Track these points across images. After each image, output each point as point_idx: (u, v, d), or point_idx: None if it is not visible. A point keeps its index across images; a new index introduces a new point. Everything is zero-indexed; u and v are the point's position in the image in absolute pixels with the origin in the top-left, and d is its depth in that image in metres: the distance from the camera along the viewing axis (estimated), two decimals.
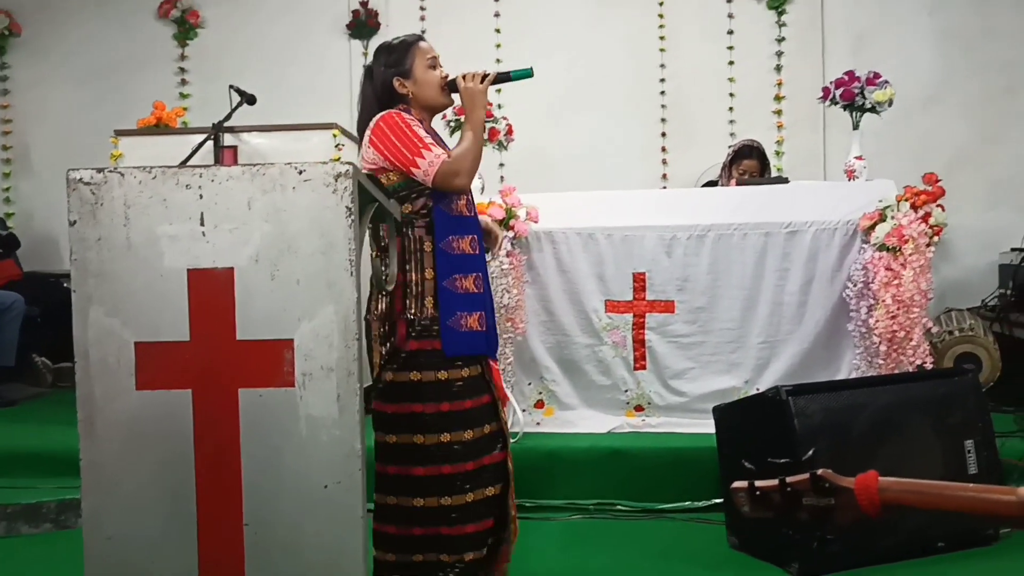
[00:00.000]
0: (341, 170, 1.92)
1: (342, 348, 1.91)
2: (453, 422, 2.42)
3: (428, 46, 2.61)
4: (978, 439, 3.01)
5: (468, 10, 6.05)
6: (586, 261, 4.01)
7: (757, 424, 3.04)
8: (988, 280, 5.33)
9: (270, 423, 1.91)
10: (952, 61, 5.65)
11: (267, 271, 1.92)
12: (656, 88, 5.93)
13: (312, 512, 1.91)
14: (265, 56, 6.05)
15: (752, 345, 3.95)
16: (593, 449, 3.79)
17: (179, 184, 1.93)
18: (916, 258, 3.62)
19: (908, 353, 3.64)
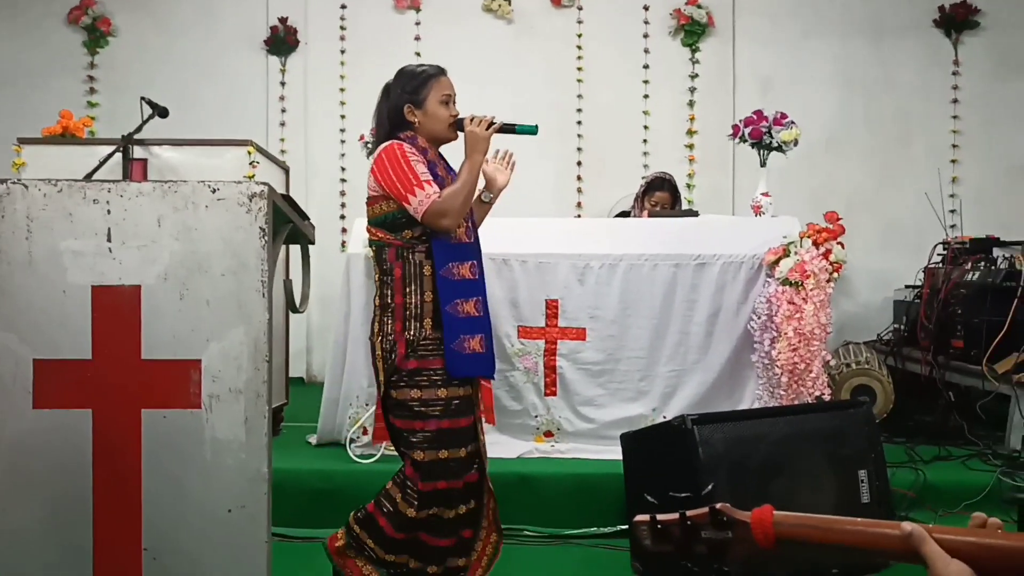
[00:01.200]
0: (256, 190, 1.91)
1: (251, 370, 1.89)
2: (449, 439, 2.52)
3: (448, 82, 2.71)
4: (870, 469, 3.12)
5: (388, 34, 6.06)
6: (500, 287, 4.04)
7: (663, 452, 3.10)
8: (883, 315, 5.56)
9: (174, 445, 1.88)
10: (853, 107, 5.92)
11: (176, 290, 1.89)
12: (573, 119, 6.04)
13: (215, 537, 1.88)
14: (179, 68, 5.95)
15: (660, 374, 4.03)
16: (502, 474, 3.77)
17: (86, 199, 1.89)
18: (817, 293, 3.75)
19: (808, 384, 3.76)
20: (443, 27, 6.05)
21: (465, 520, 2.62)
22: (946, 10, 5.88)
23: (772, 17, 5.98)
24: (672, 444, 3.01)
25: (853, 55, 5.94)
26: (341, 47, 6.07)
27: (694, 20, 5.96)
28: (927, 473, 3.67)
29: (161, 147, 4.08)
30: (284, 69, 6.07)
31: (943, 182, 5.70)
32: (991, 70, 5.87)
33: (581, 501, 3.66)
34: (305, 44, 6.09)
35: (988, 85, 5.87)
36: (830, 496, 3.06)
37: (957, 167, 5.89)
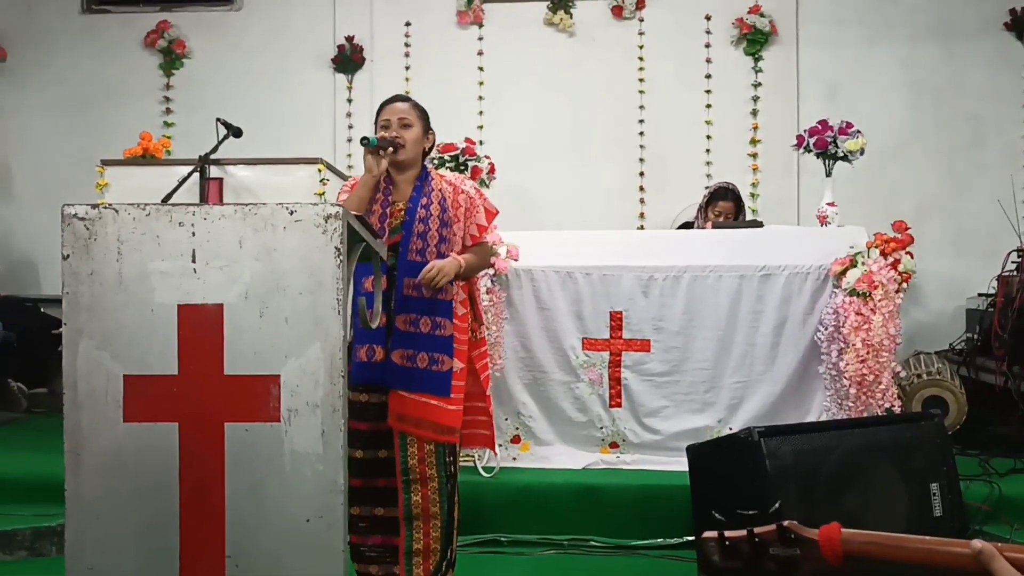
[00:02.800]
0: (331, 212, 1.97)
1: (328, 385, 1.95)
2: (349, 438, 2.60)
3: (392, 108, 2.88)
4: (943, 483, 3.10)
5: (452, 50, 6.16)
6: (564, 299, 4.08)
7: (730, 464, 3.11)
8: (956, 324, 5.45)
9: (255, 457, 1.95)
10: (922, 112, 5.82)
11: (256, 308, 1.96)
12: (635, 130, 6.05)
13: (293, 546, 1.95)
14: (250, 88, 6.12)
15: (725, 385, 4.02)
16: (568, 485, 3.83)
17: (172, 221, 1.97)
18: (885, 304, 3.71)
19: (877, 396, 3.72)
20: (505, 42, 6.12)
21: (376, 525, 2.79)
22: (1018, 13, 5.75)
23: (836, 23, 5.91)
24: (739, 456, 3.01)
25: (921, 59, 5.85)
26: (406, 63, 6.18)
27: (756, 29, 5.93)
28: (1002, 486, 3.59)
29: (236, 166, 4.22)
30: (351, 86, 6.20)
31: (1016, 187, 5.57)
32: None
33: (646, 512, 3.69)
34: (371, 61, 6.22)
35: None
36: (901, 510, 3.04)
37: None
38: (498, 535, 3.64)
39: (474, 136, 5.24)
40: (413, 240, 2.77)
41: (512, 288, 4.08)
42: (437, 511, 2.80)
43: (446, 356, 2.78)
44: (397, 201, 2.82)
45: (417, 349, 2.75)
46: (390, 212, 2.80)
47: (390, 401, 2.75)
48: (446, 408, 2.78)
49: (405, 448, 2.77)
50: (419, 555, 2.79)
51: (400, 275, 2.76)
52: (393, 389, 2.75)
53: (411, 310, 2.76)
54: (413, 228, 2.77)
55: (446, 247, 2.81)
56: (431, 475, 2.79)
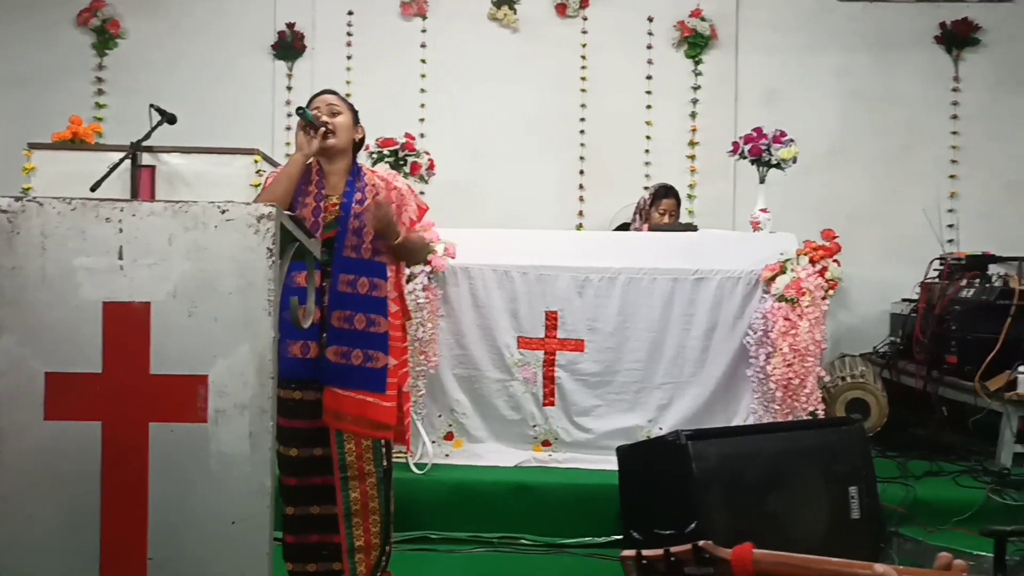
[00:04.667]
0: (264, 211, 1.96)
1: (257, 386, 1.94)
2: (282, 436, 2.72)
3: (320, 99, 2.88)
4: (861, 486, 3.19)
5: (395, 40, 6.11)
6: (500, 298, 4.10)
7: (657, 466, 3.16)
8: (881, 328, 5.61)
9: (180, 458, 1.93)
10: (855, 121, 5.96)
11: (185, 307, 1.94)
12: (576, 128, 6.08)
13: (218, 548, 1.93)
14: (187, 72, 6.00)
15: (657, 386, 4.08)
16: (500, 482, 3.86)
17: (99, 217, 1.94)
18: (812, 310, 3.81)
19: (802, 400, 3.82)
20: (449, 35, 6.10)
21: (312, 523, 2.79)
22: (947, 26, 5.92)
23: (775, 30, 6.02)
24: (667, 459, 3.07)
25: (856, 68, 5.98)
26: (348, 53, 6.11)
27: (697, 32, 6.00)
28: (918, 489, 3.72)
29: (170, 154, 4.14)
30: (291, 74, 6.12)
31: (942, 197, 5.75)
32: (991, 86, 5.91)
33: (577, 510, 3.73)
34: (312, 49, 6.14)
35: (987, 101, 5.91)
36: (822, 512, 3.12)
37: (956, 182, 5.94)
38: (429, 532, 3.66)
39: (415, 130, 5.21)
40: (348, 236, 2.76)
41: (448, 286, 4.08)
42: (376, 506, 2.82)
43: (381, 352, 2.79)
44: (330, 196, 2.80)
45: (352, 346, 2.75)
46: (324, 207, 2.78)
47: (325, 398, 2.74)
48: (382, 404, 2.78)
49: (342, 445, 2.76)
50: (361, 551, 2.80)
51: (335, 271, 2.75)
52: (328, 386, 2.74)
53: (346, 307, 2.75)
54: (348, 224, 2.76)
55: (381, 243, 2.80)
56: (369, 471, 2.79)
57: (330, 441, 2.76)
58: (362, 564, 2.80)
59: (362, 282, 2.77)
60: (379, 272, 2.81)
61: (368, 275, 2.78)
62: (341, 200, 2.79)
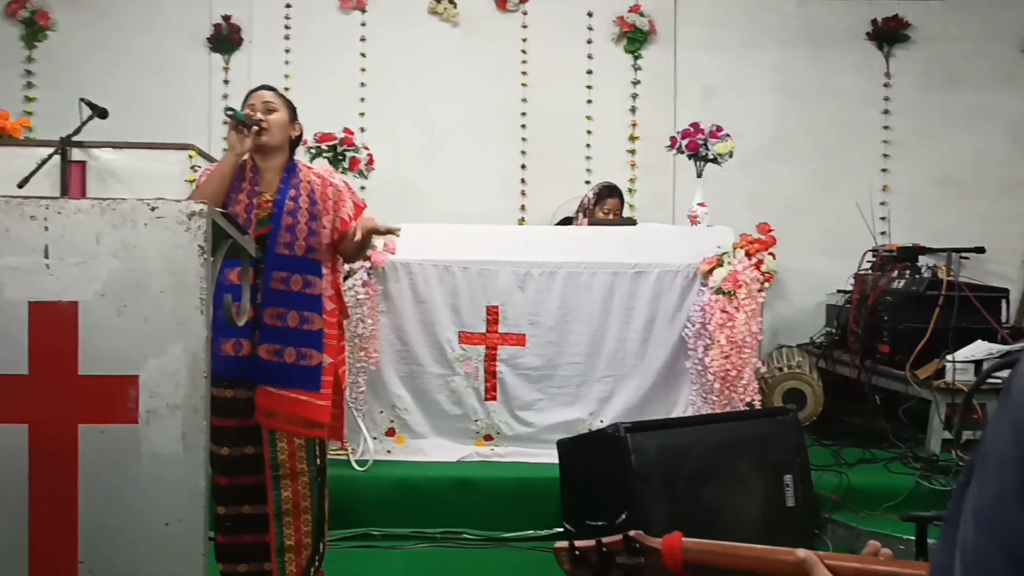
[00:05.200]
0: (195, 209, 1.93)
1: (189, 386, 1.92)
2: (213, 435, 2.65)
3: (256, 95, 2.84)
4: (796, 474, 3.25)
5: (334, 34, 6.05)
6: (441, 293, 4.10)
7: (597, 458, 3.19)
8: (817, 319, 5.73)
9: (111, 460, 1.90)
10: (791, 116, 6.06)
11: (114, 307, 1.91)
12: (517, 123, 6.09)
13: (152, 550, 1.91)
14: (119, 64, 5.86)
15: (597, 379, 4.12)
16: (442, 478, 3.86)
17: (24, 215, 1.89)
18: (749, 302, 3.88)
19: (739, 391, 3.89)
20: (388, 29, 6.06)
21: (243, 523, 2.77)
22: (878, 23, 6.05)
23: (712, 26, 6.09)
24: (606, 451, 3.10)
25: (791, 65, 6.08)
26: (286, 46, 6.03)
27: (637, 28, 6.05)
28: (851, 476, 3.81)
29: (101, 150, 4.05)
30: (228, 68, 6.02)
31: (874, 190, 5.88)
32: (920, 82, 6.06)
33: (520, 504, 3.75)
34: (249, 43, 6.05)
35: (917, 97, 6.06)
36: (758, 501, 3.18)
37: (888, 176, 6.08)
38: (370, 529, 3.64)
39: (355, 125, 5.17)
40: (281, 233, 2.73)
41: (389, 281, 4.07)
42: (308, 506, 2.80)
43: (315, 351, 2.77)
44: (264, 192, 2.78)
45: (285, 344, 2.73)
46: (257, 203, 2.75)
47: (257, 397, 2.71)
48: (315, 403, 2.76)
49: (274, 443, 2.74)
50: (291, 551, 2.78)
51: (268, 268, 2.72)
52: (260, 384, 2.72)
53: (279, 304, 2.73)
54: (281, 221, 2.74)
55: (315, 240, 2.78)
56: (302, 470, 2.78)
57: (262, 440, 2.74)
58: (292, 564, 2.78)
59: (295, 279, 2.74)
60: (313, 269, 2.78)
61: (302, 272, 2.75)
62: (275, 197, 2.77)
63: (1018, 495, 0.74)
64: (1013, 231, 5.95)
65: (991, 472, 0.77)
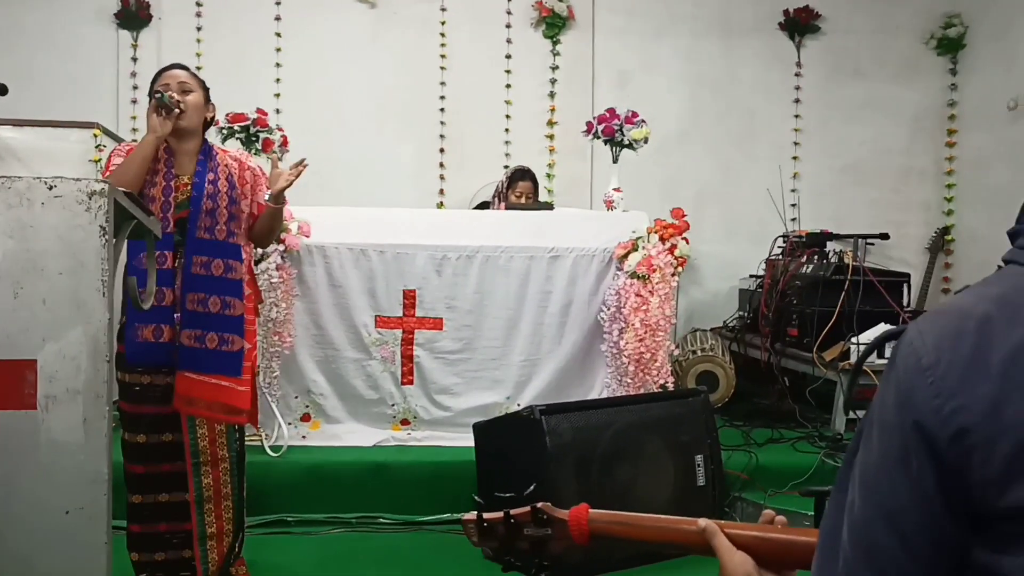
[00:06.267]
0: (96, 188, 1.87)
1: (91, 370, 1.86)
2: (129, 422, 2.69)
3: (169, 75, 2.77)
4: (706, 454, 3.34)
5: (248, 12, 5.91)
6: (357, 277, 4.06)
7: (513, 441, 3.21)
8: (730, 303, 5.86)
9: (8, 447, 1.84)
10: (702, 104, 6.16)
11: (9, 289, 1.84)
12: (436, 106, 6.05)
13: (52, 540, 1.85)
14: (19, 40, 5.62)
15: (514, 363, 4.14)
16: (358, 463, 3.84)
17: None
18: (662, 286, 3.94)
19: (653, 373, 3.96)
20: (305, 8, 5.94)
21: (160, 511, 2.73)
22: (790, 14, 6.19)
23: (628, 13, 6.14)
24: (522, 434, 3.12)
25: (702, 53, 6.18)
26: (197, 24, 5.87)
27: (555, 13, 6.07)
28: (760, 456, 3.92)
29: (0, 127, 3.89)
30: (136, 44, 5.83)
31: (784, 177, 6.03)
32: (829, 72, 6.23)
33: (436, 488, 3.75)
34: (159, 19, 5.86)
35: (826, 87, 6.22)
36: (669, 480, 3.25)
37: (798, 164, 6.23)
38: (285, 515, 3.61)
39: (268, 106, 5.06)
40: (202, 217, 2.69)
41: (304, 265, 4.01)
42: (229, 492, 2.79)
43: (236, 336, 2.74)
44: (181, 175, 2.72)
45: (207, 329, 2.69)
46: (175, 186, 2.70)
47: (177, 383, 2.66)
48: (236, 388, 2.74)
49: (194, 430, 2.71)
50: (213, 538, 2.76)
51: (188, 253, 2.68)
52: (181, 371, 2.66)
53: (200, 289, 2.68)
54: (201, 204, 2.70)
55: (235, 224, 2.76)
56: (222, 456, 2.76)
57: (181, 427, 2.70)
58: (214, 551, 2.77)
59: (216, 264, 2.70)
60: (234, 254, 2.75)
61: (223, 257, 2.72)
62: (193, 180, 2.71)
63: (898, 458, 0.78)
64: (915, 218, 6.18)
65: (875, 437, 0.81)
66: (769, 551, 1.09)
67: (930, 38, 6.15)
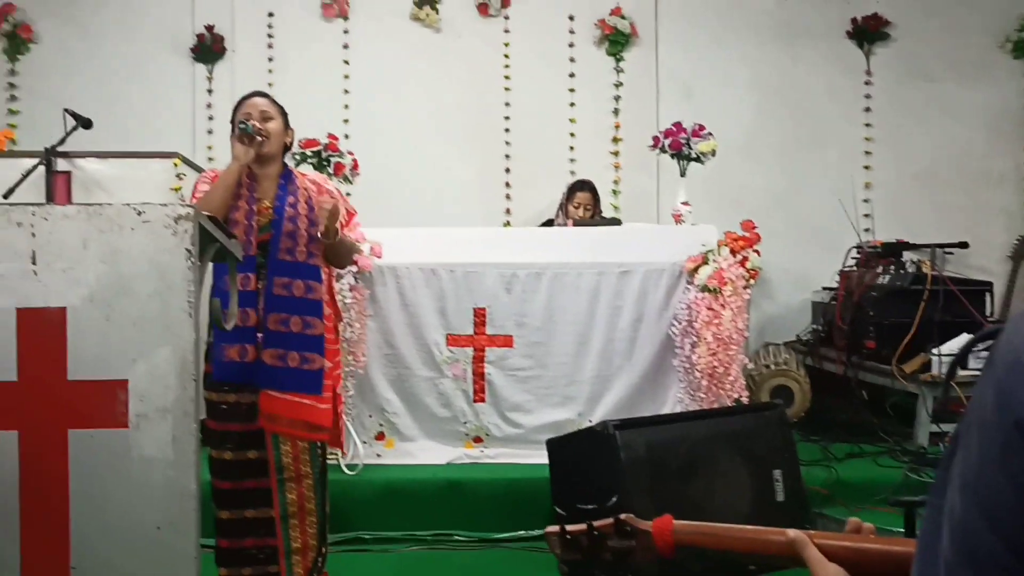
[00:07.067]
0: (182, 212, 1.94)
1: (179, 389, 1.92)
2: (217, 440, 2.75)
3: (251, 103, 2.85)
4: (784, 469, 3.27)
5: (317, 41, 6.06)
6: (428, 296, 4.11)
7: (587, 456, 3.20)
8: (803, 316, 5.76)
9: (102, 465, 1.91)
10: (768, 113, 6.09)
11: (102, 312, 1.91)
12: (500, 126, 6.11)
13: (144, 554, 1.91)
14: (102, 76, 5.85)
15: (585, 379, 4.13)
16: (432, 480, 3.87)
17: (10, 221, 1.90)
18: (734, 299, 3.90)
19: (726, 387, 3.91)
20: (371, 36, 6.07)
21: (247, 527, 2.77)
22: (858, 22, 6.10)
23: (691, 25, 6.12)
24: (595, 449, 3.11)
25: (768, 62, 6.12)
26: (269, 55, 6.04)
27: (618, 30, 6.08)
28: (840, 470, 3.84)
29: (85, 160, 4.04)
30: (211, 77, 6.02)
31: (856, 187, 5.93)
32: (900, 79, 6.11)
33: (509, 505, 3.76)
34: (232, 52, 6.04)
35: (897, 94, 6.11)
36: (746, 496, 3.19)
37: (869, 172, 6.12)
38: (362, 533, 3.65)
39: (338, 131, 5.17)
40: (283, 239, 2.77)
41: (376, 285, 4.07)
42: (312, 508, 2.83)
43: (317, 355, 2.80)
44: (262, 199, 2.81)
45: (288, 348, 2.76)
46: (257, 210, 2.78)
47: (261, 401, 2.73)
48: (317, 406, 2.80)
49: (278, 447, 2.77)
50: (298, 553, 2.81)
51: (270, 274, 2.75)
52: (264, 389, 2.74)
53: (282, 309, 2.76)
54: (282, 227, 2.78)
55: (314, 246, 2.83)
56: (306, 472, 2.81)
57: (265, 444, 2.76)
58: (299, 566, 2.81)
59: (297, 285, 2.77)
60: (314, 275, 2.82)
61: (303, 278, 2.79)
62: (274, 204, 2.80)
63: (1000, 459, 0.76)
64: (996, 225, 6.00)
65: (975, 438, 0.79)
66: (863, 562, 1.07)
67: (1005, 41, 6.00)
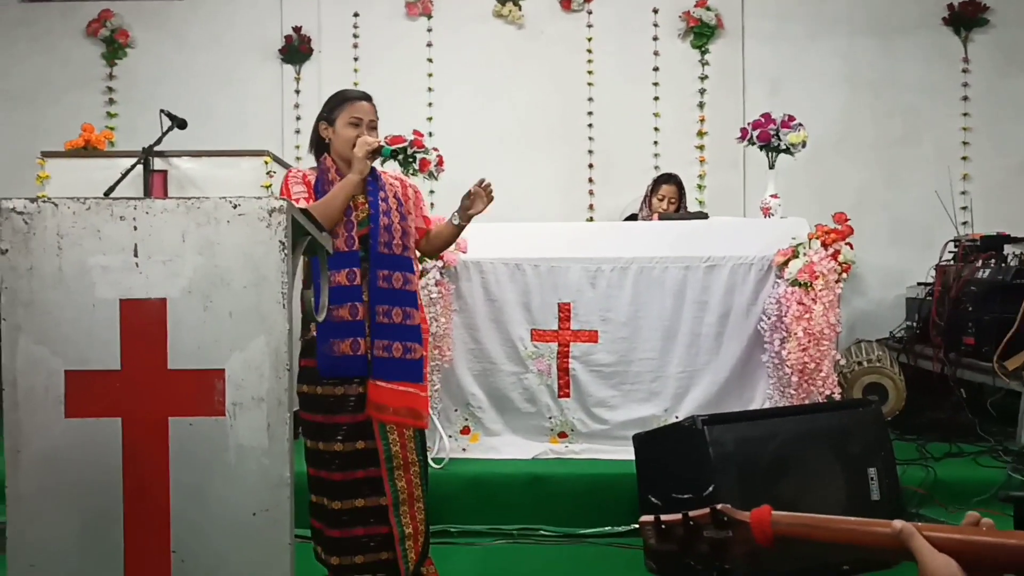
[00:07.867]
0: (275, 205, 1.97)
1: (273, 379, 1.96)
2: (326, 432, 2.79)
3: (363, 107, 2.89)
4: (880, 467, 3.17)
5: (401, 40, 6.14)
6: (513, 291, 4.11)
7: (674, 452, 3.16)
8: (896, 313, 5.59)
9: (200, 452, 1.95)
10: (860, 107, 5.93)
11: (200, 303, 1.96)
12: (583, 122, 6.08)
13: (240, 540, 1.95)
14: (195, 79, 6.04)
15: (671, 375, 4.08)
16: (517, 475, 3.87)
17: (113, 215, 1.96)
18: (826, 293, 3.80)
19: (818, 384, 3.81)
20: (454, 33, 6.12)
21: (357, 516, 2.80)
22: (955, 8, 5.89)
23: (780, 17, 6.00)
24: (683, 444, 3.07)
25: (860, 54, 5.96)
26: (354, 55, 6.14)
27: (703, 22, 6.00)
28: (938, 470, 3.71)
29: (180, 158, 4.17)
30: (299, 77, 6.15)
31: (953, 179, 5.72)
32: (999, 67, 5.88)
33: (595, 501, 3.73)
34: (319, 52, 6.17)
35: (997, 82, 5.88)
36: (839, 494, 3.11)
37: (967, 164, 5.90)
38: (448, 526, 3.67)
39: (423, 128, 5.23)
40: (381, 232, 2.82)
41: (461, 280, 4.10)
42: (420, 494, 2.89)
43: (417, 344, 2.86)
44: (356, 195, 2.85)
45: (392, 339, 2.81)
46: (354, 205, 2.84)
47: (369, 391, 2.78)
48: (420, 395, 2.86)
49: (386, 436, 2.81)
50: (410, 539, 2.86)
51: (372, 267, 2.80)
52: (372, 380, 2.78)
53: (385, 301, 2.81)
54: (379, 221, 2.83)
55: (407, 239, 2.90)
56: (412, 460, 2.86)
57: (373, 434, 2.80)
58: (412, 551, 2.86)
59: (396, 277, 2.83)
60: (409, 267, 2.89)
61: (401, 269, 2.85)
62: (368, 199, 2.85)
63: None
64: None
65: None
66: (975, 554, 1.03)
67: None
